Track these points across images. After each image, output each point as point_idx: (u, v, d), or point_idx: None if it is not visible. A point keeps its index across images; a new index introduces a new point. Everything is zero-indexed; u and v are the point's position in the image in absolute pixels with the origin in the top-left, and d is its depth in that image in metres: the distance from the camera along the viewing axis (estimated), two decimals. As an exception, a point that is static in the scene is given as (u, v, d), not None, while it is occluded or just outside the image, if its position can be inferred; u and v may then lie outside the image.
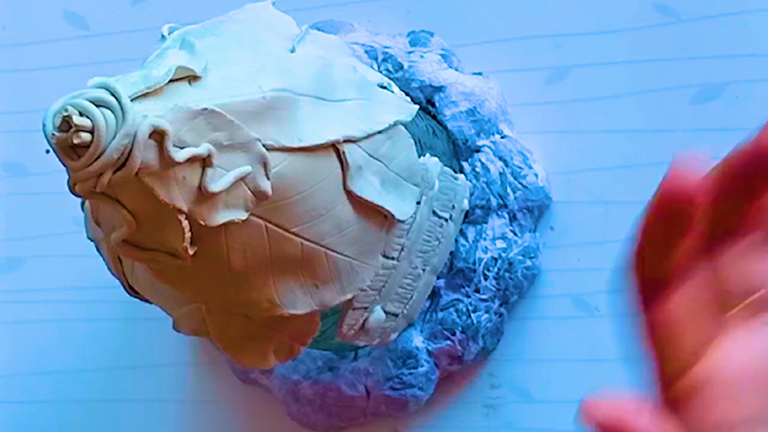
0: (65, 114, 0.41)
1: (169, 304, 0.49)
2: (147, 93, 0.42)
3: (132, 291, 0.49)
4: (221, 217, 0.43)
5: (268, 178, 0.43)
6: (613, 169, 0.56)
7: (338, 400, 0.57)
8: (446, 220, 0.53)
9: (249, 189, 0.43)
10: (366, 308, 0.50)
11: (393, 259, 0.50)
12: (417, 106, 0.50)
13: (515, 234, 0.56)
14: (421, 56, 0.57)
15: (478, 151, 0.56)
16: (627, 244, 0.40)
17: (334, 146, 0.45)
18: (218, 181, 0.43)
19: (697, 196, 0.39)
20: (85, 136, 0.41)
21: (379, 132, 0.47)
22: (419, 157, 0.50)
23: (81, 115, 0.41)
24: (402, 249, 0.50)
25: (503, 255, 0.56)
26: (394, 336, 0.53)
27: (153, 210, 0.42)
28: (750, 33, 0.55)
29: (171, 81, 0.42)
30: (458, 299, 0.55)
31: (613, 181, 0.56)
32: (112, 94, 0.41)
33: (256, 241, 0.44)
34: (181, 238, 0.43)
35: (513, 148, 0.57)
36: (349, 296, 0.48)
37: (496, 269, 0.55)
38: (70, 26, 0.64)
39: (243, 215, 0.43)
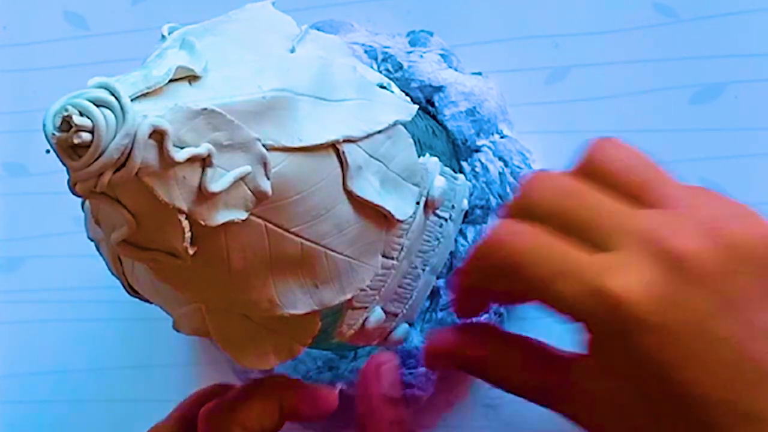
0: (65, 114, 0.41)
1: (169, 304, 0.49)
2: (147, 93, 0.42)
3: (132, 291, 0.49)
4: (221, 217, 0.43)
5: (268, 178, 0.44)
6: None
7: (338, 400, 0.57)
8: (446, 220, 0.53)
9: (249, 189, 0.43)
10: (366, 308, 0.50)
11: (393, 259, 0.50)
12: (417, 106, 0.50)
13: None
14: (421, 56, 0.57)
15: (477, 151, 0.56)
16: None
17: (333, 146, 0.45)
18: (218, 181, 0.43)
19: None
20: (86, 136, 0.41)
21: (379, 132, 0.47)
22: (419, 157, 0.50)
23: (81, 115, 0.41)
24: (402, 249, 0.50)
25: (503, 255, 0.56)
26: (395, 337, 0.53)
27: (153, 210, 0.42)
28: (750, 33, 0.55)
29: (171, 81, 0.42)
30: (458, 299, 0.55)
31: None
32: (112, 94, 0.41)
33: (256, 241, 0.44)
34: (181, 238, 0.43)
35: (512, 148, 0.57)
36: (348, 296, 0.48)
37: (495, 269, 0.55)
38: (70, 26, 0.64)
39: (243, 215, 0.43)
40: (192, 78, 0.43)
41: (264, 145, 0.43)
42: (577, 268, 0.43)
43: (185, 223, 0.43)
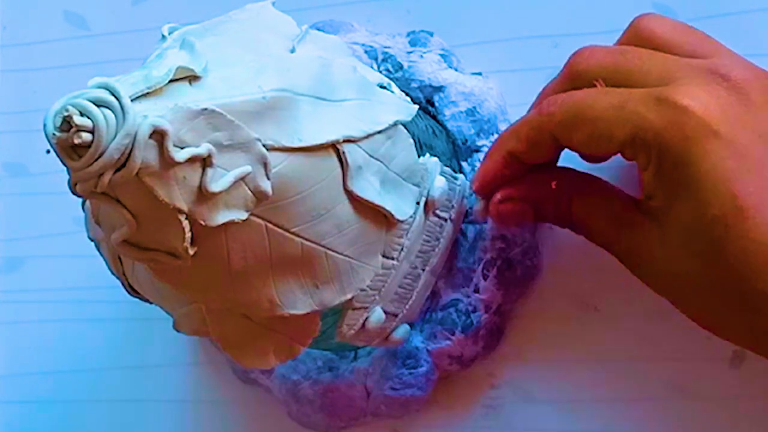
0: (66, 114, 0.41)
1: (169, 304, 0.49)
2: (147, 93, 0.42)
3: (132, 291, 0.50)
4: (221, 217, 0.43)
5: (268, 178, 0.44)
6: (613, 169, 0.56)
7: (338, 400, 0.57)
8: (446, 220, 0.53)
9: (249, 189, 0.43)
10: (366, 308, 0.50)
11: (393, 259, 0.50)
12: (417, 106, 0.50)
13: (515, 234, 0.56)
14: (421, 56, 0.57)
15: (477, 151, 0.56)
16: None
17: (334, 146, 0.45)
18: (218, 181, 0.43)
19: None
20: (86, 136, 0.41)
21: (379, 132, 0.47)
22: (419, 157, 0.50)
23: (82, 115, 0.41)
24: (402, 249, 0.50)
25: (503, 255, 0.56)
26: (395, 337, 0.53)
27: (153, 210, 0.42)
28: (750, 33, 0.55)
29: (171, 81, 0.42)
30: (458, 299, 0.56)
31: (613, 181, 0.56)
32: (113, 94, 0.41)
33: (256, 241, 0.45)
34: (182, 238, 0.43)
35: (513, 148, 0.57)
36: (349, 296, 0.48)
37: (495, 269, 0.55)
38: (70, 26, 0.64)
39: (243, 215, 0.44)
40: (192, 78, 0.43)
41: (264, 145, 0.43)
42: (641, 92, 0.43)
43: (185, 223, 0.43)
